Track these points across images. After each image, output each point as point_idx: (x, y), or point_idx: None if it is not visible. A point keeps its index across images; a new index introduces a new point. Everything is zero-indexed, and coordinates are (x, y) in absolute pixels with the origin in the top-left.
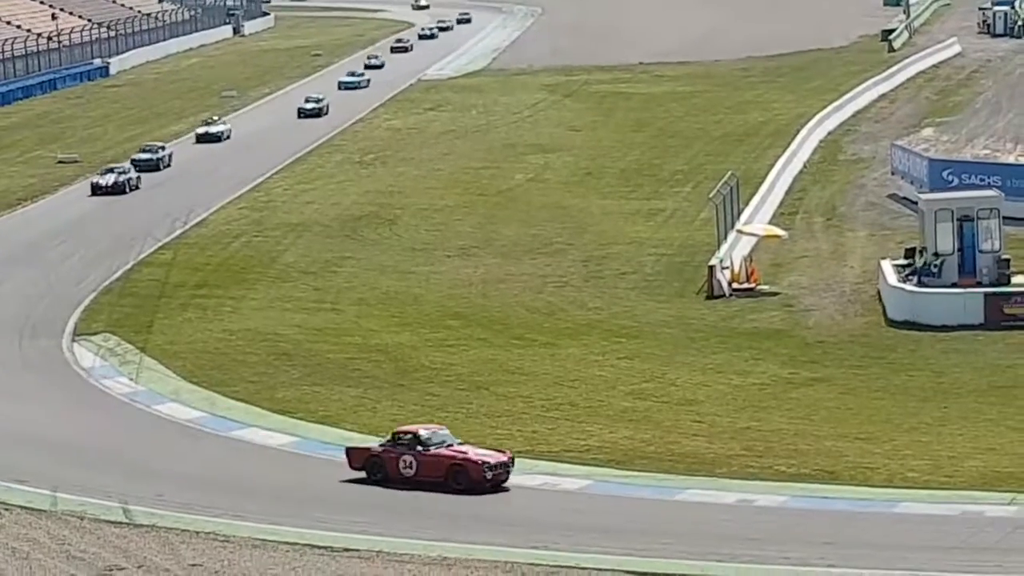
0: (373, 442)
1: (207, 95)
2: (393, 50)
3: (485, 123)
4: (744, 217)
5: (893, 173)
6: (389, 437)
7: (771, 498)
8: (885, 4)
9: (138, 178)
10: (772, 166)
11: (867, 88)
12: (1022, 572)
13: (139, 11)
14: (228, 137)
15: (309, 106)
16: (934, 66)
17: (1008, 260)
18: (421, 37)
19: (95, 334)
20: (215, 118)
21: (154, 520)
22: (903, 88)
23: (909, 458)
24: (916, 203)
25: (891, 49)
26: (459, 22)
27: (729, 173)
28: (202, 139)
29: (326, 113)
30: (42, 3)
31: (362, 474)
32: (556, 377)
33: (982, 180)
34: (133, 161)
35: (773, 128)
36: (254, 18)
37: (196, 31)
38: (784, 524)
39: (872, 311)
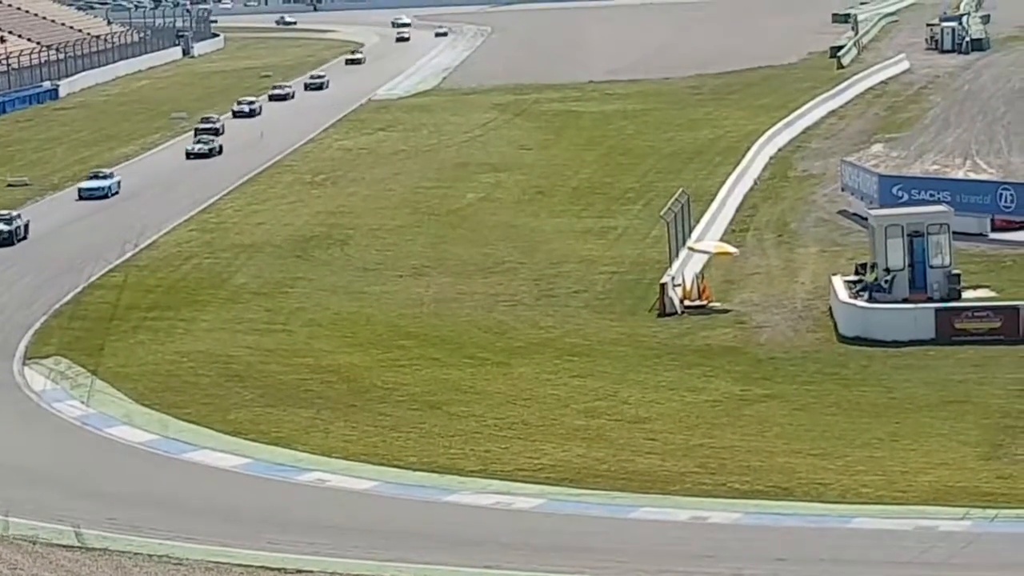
0: None
1: (157, 117)
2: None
3: (436, 142)
4: (695, 234)
5: (843, 189)
6: None
7: (725, 515)
8: (834, 21)
9: None
10: (723, 183)
11: (817, 105)
12: None
13: (88, 33)
14: None
15: None
16: (883, 82)
17: (959, 275)
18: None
19: (46, 357)
20: None
21: (106, 544)
22: (852, 105)
23: (862, 474)
24: (866, 219)
25: (840, 66)
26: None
27: (680, 190)
28: None
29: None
30: None
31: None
32: (509, 396)
33: (932, 196)
34: None
35: (724, 145)
36: (204, 39)
37: (145, 53)
38: (738, 541)
39: (823, 327)
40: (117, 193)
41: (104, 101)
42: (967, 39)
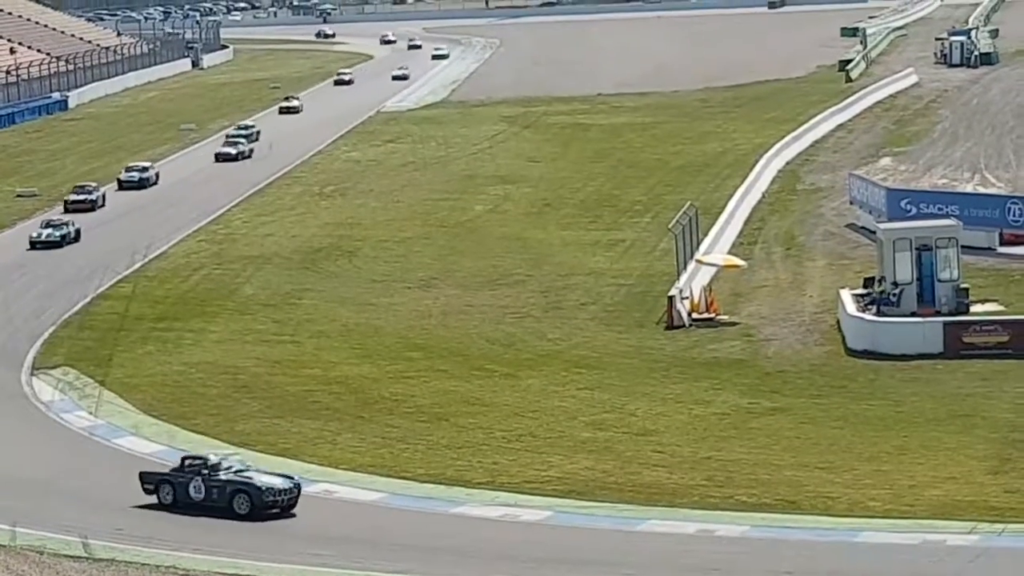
0: None
1: (166, 128)
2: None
3: (444, 154)
4: (703, 247)
5: (851, 203)
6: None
7: (732, 528)
8: (842, 34)
9: None
10: (731, 196)
11: (825, 118)
12: None
13: (98, 45)
14: None
15: None
16: (891, 96)
17: (967, 289)
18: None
19: (54, 367)
20: None
21: (114, 554)
22: (861, 118)
23: (870, 487)
24: (875, 232)
25: (848, 79)
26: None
27: (688, 203)
28: None
29: None
30: (0, 37)
31: None
32: (516, 408)
33: (940, 209)
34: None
35: (732, 158)
36: (213, 51)
37: (155, 64)
38: (745, 554)
39: (832, 340)
40: None
41: (113, 112)
42: (976, 53)
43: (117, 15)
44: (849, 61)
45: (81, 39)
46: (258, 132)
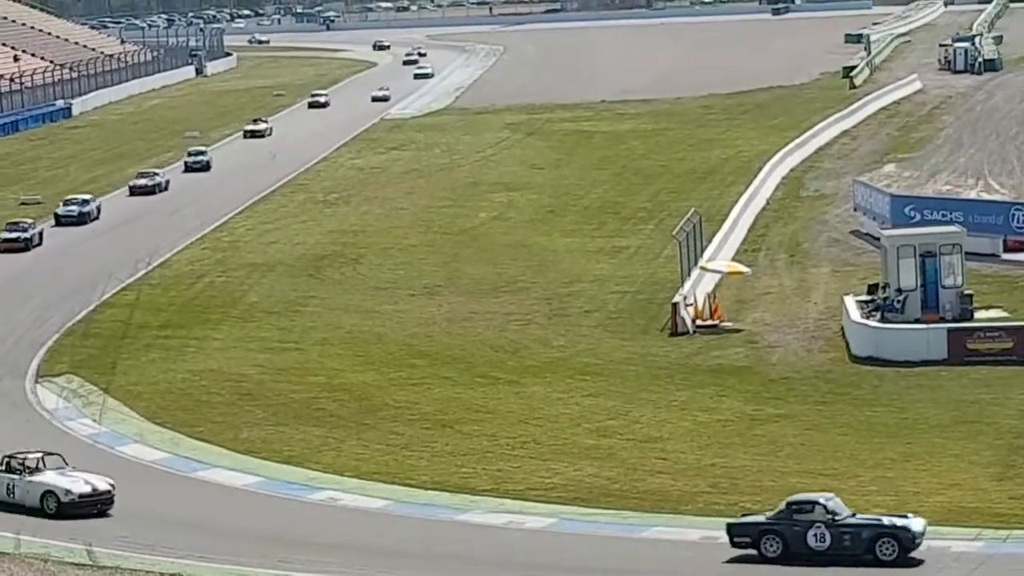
0: None
1: (170, 136)
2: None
3: (448, 162)
4: (707, 254)
5: (855, 209)
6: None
7: None
8: (846, 41)
9: None
10: (735, 203)
11: (829, 125)
12: None
13: (101, 52)
14: None
15: None
16: (896, 103)
17: (971, 295)
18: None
19: (58, 375)
20: None
21: (118, 562)
22: (865, 124)
23: (874, 494)
24: (878, 239)
25: (852, 86)
26: None
27: (692, 210)
28: None
29: None
30: (4, 45)
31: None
32: (521, 415)
33: (944, 216)
34: None
35: (736, 165)
36: (216, 59)
37: (159, 72)
38: (750, 561)
39: (836, 347)
40: None
41: (117, 120)
42: (980, 59)
43: (121, 23)
44: (853, 67)
45: (85, 47)
46: (208, 161)
